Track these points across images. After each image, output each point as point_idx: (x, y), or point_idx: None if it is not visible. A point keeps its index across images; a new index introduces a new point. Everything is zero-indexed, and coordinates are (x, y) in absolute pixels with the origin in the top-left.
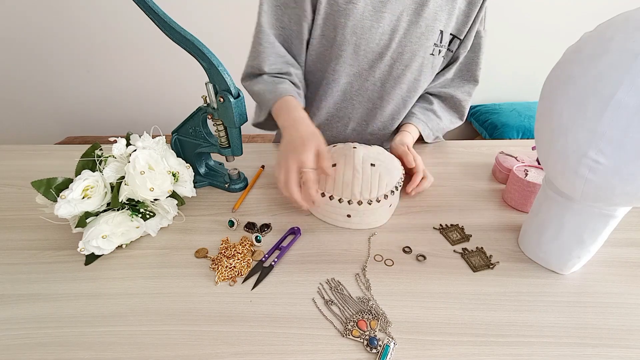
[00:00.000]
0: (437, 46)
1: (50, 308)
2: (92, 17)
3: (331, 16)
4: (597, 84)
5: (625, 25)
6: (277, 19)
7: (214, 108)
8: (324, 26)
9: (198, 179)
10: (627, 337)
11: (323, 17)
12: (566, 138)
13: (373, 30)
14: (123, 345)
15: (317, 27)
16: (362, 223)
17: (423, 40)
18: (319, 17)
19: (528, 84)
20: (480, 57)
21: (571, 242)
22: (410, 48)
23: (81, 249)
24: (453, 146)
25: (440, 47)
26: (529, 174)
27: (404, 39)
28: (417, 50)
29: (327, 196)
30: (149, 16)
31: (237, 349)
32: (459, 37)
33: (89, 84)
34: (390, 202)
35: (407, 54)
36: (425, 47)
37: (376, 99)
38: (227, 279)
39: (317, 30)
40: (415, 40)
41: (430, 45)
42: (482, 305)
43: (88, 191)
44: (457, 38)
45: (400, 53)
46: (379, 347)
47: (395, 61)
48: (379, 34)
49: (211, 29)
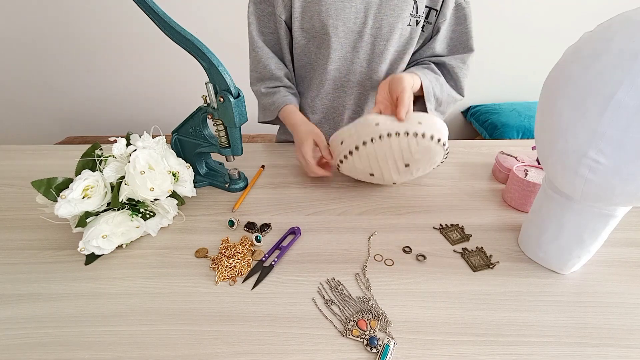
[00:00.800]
0: (413, 17)
1: (50, 308)
2: (93, 17)
3: (307, 8)
4: (597, 84)
5: (625, 25)
6: (264, 26)
7: (214, 108)
8: (302, 19)
9: (198, 179)
10: (627, 337)
11: (300, 11)
12: (566, 138)
13: (347, 10)
14: (123, 345)
15: (295, 21)
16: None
17: (398, 11)
18: (295, 11)
19: (528, 84)
20: (469, 27)
21: (571, 242)
22: (387, 22)
23: (81, 249)
24: (453, 146)
25: (417, 17)
26: (529, 174)
27: (378, 14)
28: (395, 23)
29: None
30: (149, 16)
31: (237, 349)
32: (435, 7)
33: (89, 84)
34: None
35: (385, 28)
36: (402, 17)
37: (365, 80)
38: (227, 278)
39: (295, 23)
40: (390, 13)
41: (407, 16)
42: (482, 305)
43: (88, 191)
44: (433, 9)
45: (379, 28)
46: (379, 346)
47: (376, 37)
48: (354, 13)
49: (211, 29)
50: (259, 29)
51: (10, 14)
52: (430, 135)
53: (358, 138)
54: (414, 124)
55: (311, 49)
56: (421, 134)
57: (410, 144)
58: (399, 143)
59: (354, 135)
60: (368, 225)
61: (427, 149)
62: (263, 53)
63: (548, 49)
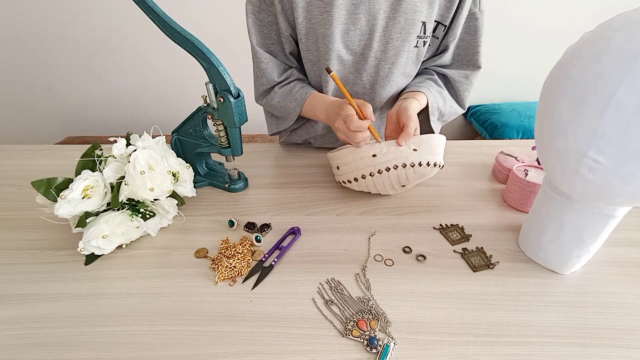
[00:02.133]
0: (420, 38)
1: (50, 308)
2: (93, 17)
3: (311, 30)
4: (597, 84)
5: (625, 25)
6: (265, 37)
7: (214, 108)
8: (306, 41)
9: (198, 179)
10: (627, 337)
11: (304, 33)
12: (566, 138)
13: (351, 33)
14: (123, 345)
15: (301, 44)
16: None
17: (404, 34)
18: (300, 34)
19: (528, 84)
20: (478, 41)
21: (571, 242)
22: (392, 45)
23: (81, 249)
24: (453, 146)
25: (425, 38)
26: (529, 174)
27: (384, 37)
28: (401, 46)
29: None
30: (149, 16)
31: (237, 349)
32: (444, 23)
33: (89, 84)
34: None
35: (391, 51)
36: (409, 40)
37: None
38: (227, 279)
39: (301, 46)
40: (397, 37)
41: (413, 39)
42: (482, 305)
43: (88, 191)
44: (441, 24)
45: (384, 51)
46: (379, 347)
47: (380, 61)
48: (358, 36)
49: (211, 29)
50: (261, 41)
51: (10, 14)
52: (427, 162)
53: (356, 171)
54: (410, 151)
55: (314, 70)
56: (417, 163)
57: (408, 173)
58: (397, 174)
59: (351, 166)
60: (368, 225)
61: (423, 174)
62: (267, 65)
63: (548, 49)
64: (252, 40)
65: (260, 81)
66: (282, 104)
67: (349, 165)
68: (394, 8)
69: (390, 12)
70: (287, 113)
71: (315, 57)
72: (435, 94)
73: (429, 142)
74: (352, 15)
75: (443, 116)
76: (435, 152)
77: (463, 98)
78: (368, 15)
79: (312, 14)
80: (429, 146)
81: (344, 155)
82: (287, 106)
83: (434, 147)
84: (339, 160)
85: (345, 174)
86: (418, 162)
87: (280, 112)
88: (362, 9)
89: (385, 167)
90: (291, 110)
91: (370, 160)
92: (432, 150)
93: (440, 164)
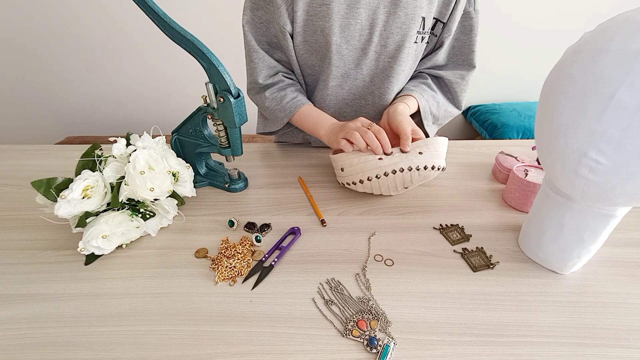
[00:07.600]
0: (420, 33)
1: (50, 308)
2: (92, 17)
3: (309, 22)
4: (597, 84)
5: (625, 25)
6: (262, 34)
7: (214, 108)
8: (304, 33)
9: (198, 179)
10: (627, 337)
11: (302, 25)
12: (566, 138)
13: (351, 28)
14: (123, 345)
15: (297, 35)
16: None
17: (405, 29)
18: (297, 25)
19: (528, 84)
20: (473, 40)
21: (571, 242)
22: (392, 40)
23: (81, 249)
24: (453, 146)
25: (424, 34)
26: (529, 174)
27: (384, 32)
28: (401, 41)
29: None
30: (149, 16)
31: (237, 349)
32: (442, 20)
33: (89, 84)
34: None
35: (391, 46)
36: (409, 36)
37: (367, 95)
38: (227, 279)
39: (297, 37)
40: (397, 31)
41: (413, 34)
42: (482, 305)
43: (88, 191)
44: (440, 22)
45: (384, 46)
46: (379, 347)
47: (380, 55)
48: (358, 30)
49: (211, 29)
50: (257, 38)
51: (10, 14)
52: (432, 165)
53: (362, 173)
54: (415, 154)
55: (314, 62)
56: (423, 167)
57: (412, 176)
58: (402, 177)
59: (357, 168)
60: (368, 225)
61: (427, 177)
62: (257, 65)
63: (548, 49)
64: (247, 36)
65: (250, 78)
66: (272, 110)
67: (354, 167)
68: (394, 3)
69: (390, 6)
70: (275, 119)
71: (314, 49)
72: (428, 98)
73: (435, 145)
74: (352, 9)
75: (437, 120)
76: (440, 155)
77: (460, 99)
78: (368, 9)
79: (311, 6)
80: (435, 149)
81: (349, 157)
82: (276, 115)
83: (439, 150)
84: (344, 162)
85: (350, 176)
86: (423, 166)
87: (269, 116)
88: (363, 3)
89: (392, 169)
90: (279, 119)
91: (376, 162)
92: (437, 153)
93: (444, 167)
